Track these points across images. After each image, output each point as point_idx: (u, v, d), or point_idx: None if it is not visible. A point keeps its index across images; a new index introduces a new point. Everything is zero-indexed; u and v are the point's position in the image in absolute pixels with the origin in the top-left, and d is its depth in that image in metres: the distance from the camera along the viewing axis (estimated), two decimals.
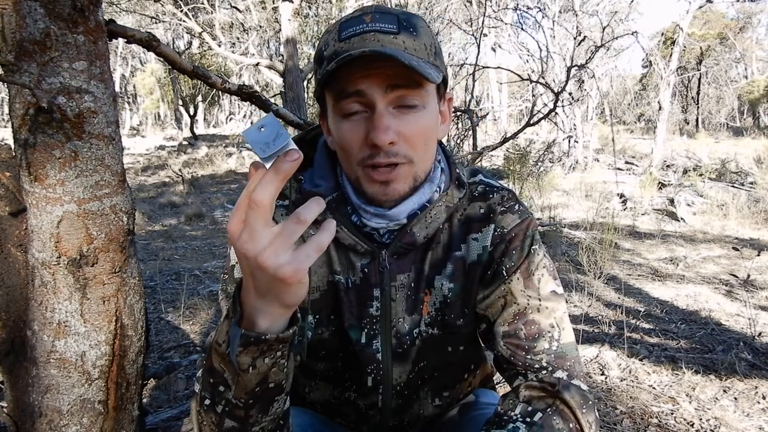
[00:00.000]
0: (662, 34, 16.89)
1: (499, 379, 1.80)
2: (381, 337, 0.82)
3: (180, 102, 20.32)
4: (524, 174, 7.25)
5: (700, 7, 12.02)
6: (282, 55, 7.63)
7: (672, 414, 1.96)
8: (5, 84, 1.03)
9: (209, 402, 0.64)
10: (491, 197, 0.84)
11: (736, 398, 2.07)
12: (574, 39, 8.03)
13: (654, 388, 2.16)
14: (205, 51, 12.86)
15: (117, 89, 1.49)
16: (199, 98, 20.96)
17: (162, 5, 9.30)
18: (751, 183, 7.98)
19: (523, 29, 12.42)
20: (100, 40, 1.11)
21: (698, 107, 23.67)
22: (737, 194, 7.14)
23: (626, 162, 11.43)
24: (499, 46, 13.57)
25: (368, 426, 0.91)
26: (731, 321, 3.02)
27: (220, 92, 1.71)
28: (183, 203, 8.81)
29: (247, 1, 10.01)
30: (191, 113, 19.58)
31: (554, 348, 0.76)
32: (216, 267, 4.30)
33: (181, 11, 8.59)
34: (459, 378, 0.91)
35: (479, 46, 3.22)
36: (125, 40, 1.33)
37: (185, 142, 17.51)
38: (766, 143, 11.78)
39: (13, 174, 1.13)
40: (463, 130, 4.56)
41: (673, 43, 11.06)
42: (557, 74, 10.39)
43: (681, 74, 18.78)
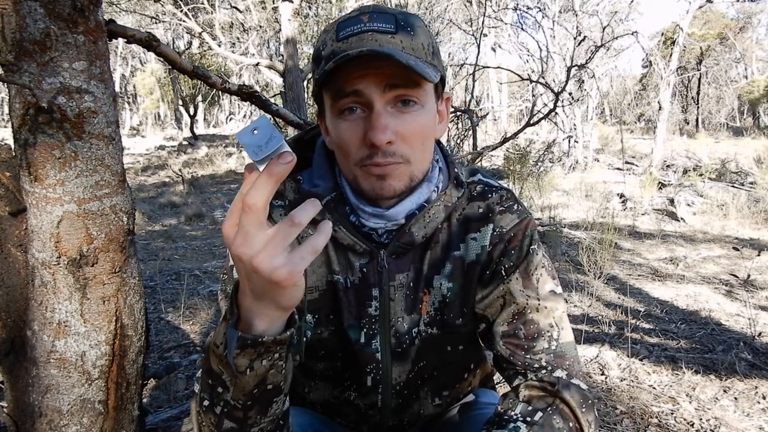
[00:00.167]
0: (662, 34, 16.89)
1: (500, 379, 1.80)
2: (380, 337, 0.82)
3: (180, 102, 20.32)
4: (524, 174, 7.25)
5: (700, 7, 12.02)
6: (282, 55, 7.64)
7: (672, 414, 1.96)
8: (5, 84, 1.03)
9: (208, 403, 0.65)
10: (490, 197, 0.84)
11: (736, 398, 2.07)
12: (574, 39, 8.03)
13: (654, 388, 2.16)
14: (205, 51, 12.87)
15: (117, 89, 1.49)
16: (199, 98, 20.96)
17: (162, 5, 9.30)
18: (751, 183, 7.98)
19: (523, 29, 12.43)
20: (100, 40, 1.11)
21: (698, 107, 23.67)
22: (737, 194, 7.14)
23: (626, 162, 11.43)
24: (499, 46, 13.58)
25: (368, 426, 0.91)
26: (731, 321, 3.02)
27: (220, 92, 1.71)
28: (183, 203, 8.82)
29: (247, 1, 10.01)
30: (191, 113, 19.58)
31: (553, 347, 0.76)
32: (216, 267, 4.30)
33: (181, 11, 8.59)
34: (459, 378, 0.91)
35: (479, 46, 3.22)
36: (125, 40, 1.33)
37: (185, 142, 17.52)
38: (766, 143, 11.78)
39: (13, 174, 1.13)
40: (463, 130, 4.56)
41: (673, 43, 11.06)
42: (557, 74, 10.39)
43: (681, 74, 18.78)
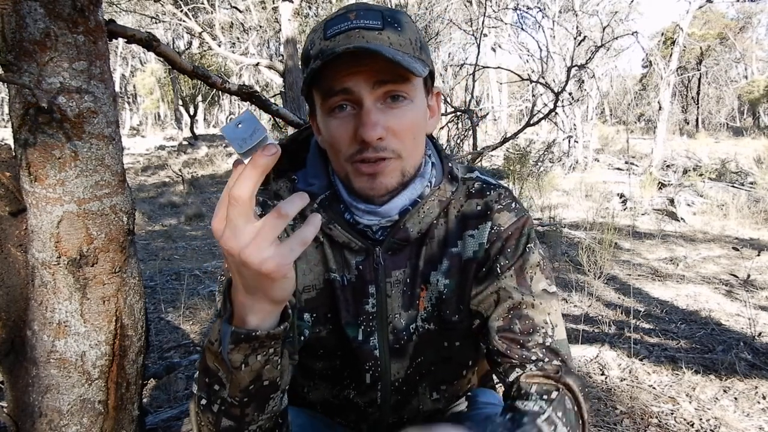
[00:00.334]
0: (662, 34, 16.90)
1: None
2: (378, 334, 0.82)
3: (180, 102, 20.33)
4: (524, 174, 7.25)
5: (700, 7, 12.02)
6: (282, 55, 7.64)
7: (672, 414, 1.96)
8: (5, 84, 1.03)
9: (206, 402, 0.65)
10: (488, 194, 0.84)
11: (736, 398, 2.07)
12: (574, 39, 8.03)
13: (654, 388, 2.16)
14: (205, 51, 12.87)
15: (117, 89, 1.49)
16: (199, 98, 20.95)
17: (162, 5, 9.30)
18: (751, 183, 7.98)
19: (523, 29, 12.43)
20: (100, 40, 1.11)
21: (698, 107, 23.68)
22: (737, 194, 7.14)
23: (626, 162, 11.43)
24: (499, 46, 13.58)
25: (368, 424, 0.91)
26: (731, 321, 3.02)
27: (220, 92, 1.71)
28: (183, 203, 8.82)
29: (247, 1, 10.02)
30: (191, 113, 19.58)
31: (548, 343, 0.76)
32: (216, 267, 4.30)
33: (181, 11, 8.59)
34: (457, 373, 0.91)
35: (479, 46, 3.22)
36: (125, 40, 1.33)
37: (185, 142, 17.52)
38: (766, 143, 11.78)
39: (13, 174, 1.13)
40: (463, 130, 4.56)
41: (673, 43, 11.06)
42: (557, 74, 10.39)
43: (681, 74, 18.78)
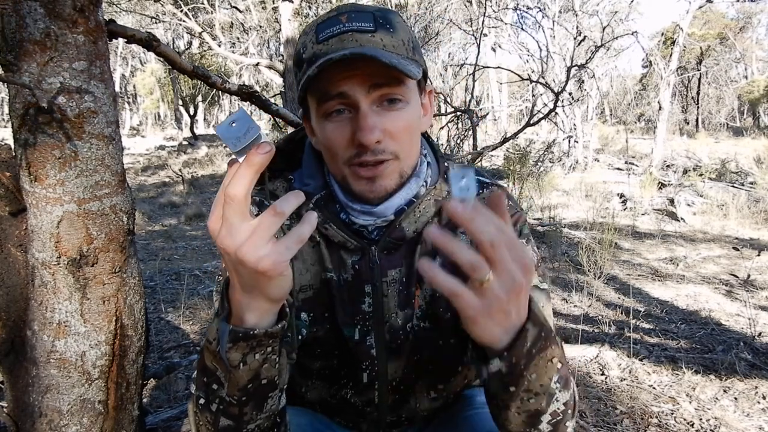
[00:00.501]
0: (662, 34, 16.90)
1: None
2: (374, 334, 0.82)
3: (180, 102, 20.33)
4: (524, 174, 7.25)
5: (700, 7, 12.03)
6: (282, 55, 7.64)
7: (672, 414, 1.96)
8: (5, 84, 1.03)
9: (204, 401, 0.65)
10: (481, 192, 0.84)
11: (736, 398, 2.07)
12: (574, 39, 8.04)
13: (654, 388, 2.16)
14: (205, 51, 12.87)
15: (117, 89, 1.49)
16: (199, 98, 20.95)
17: (162, 5, 9.30)
18: (751, 183, 7.98)
19: (523, 29, 12.43)
20: (100, 40, 1.11)
21: (698, 107, 23.67)
22: (737, 194, 7.14)
23: (626, 162, 11.43)
24: (499, 46, 13.58)
25: (366, 423, 0.91)
26: (731, 321, 3.02)
27: (220, 92, 1.71)
28: (183, 203, 8.82)
29: (247, 1, 10.02)
30: (191, 113, 19.58)
31: None
32: (216, 267, 4.30)
33: (181, 11, 8.59)
34: (453, 371, 0.91)
35: (479, 46, 3.22)
36: (125, 40, 1.33)
37: (185, 142, 17.51)
38: (766, 143, 11.78)
39: (13, 174, 1.13)
40: (463, 130, 4.57)
41: (673, 43, 11.06)
42: (557, 74, 10.39)
43: (681, 74, 18.78)
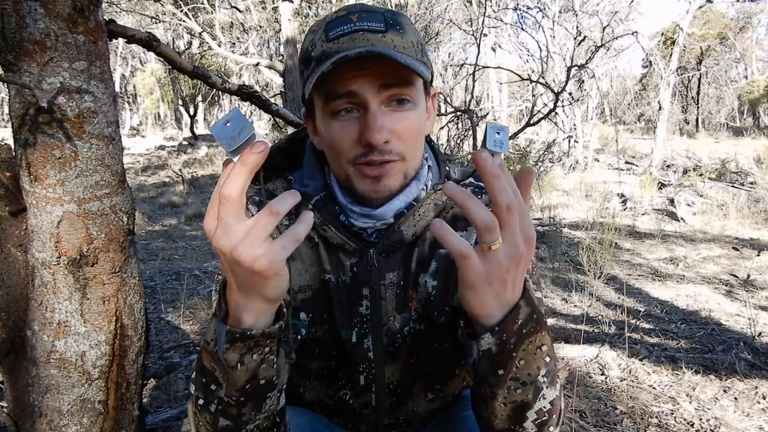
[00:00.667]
0: (662, 34, 16.90)
1: None
2: (372, 336, 0.82)
3: (180, 102, 20.32)
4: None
5: (700, 7, 12.03)
6: (282, 55, 7.64)
7: (672, 414, 1.96)
8: (5, 84, 1.03)
9: (203, 402, 0.65)
10: (481, 198, 0.83)
11: (736, 398, 2.07)
12: (574, 39, 8.04)
13: (654, 388, 2.16)
14: (205, 51, 12.86)
15: (117, 89, 1.49)
16: (199, 98, 20.94)
17: (162, 5, 9.30)
18: (751, 183, 7.98)
19: (523, 29, 12.43)
20: (100, 40, 1.11)
21: (698, 107, 23.67)
22: (737, 194, 7.14)
23: (626, 162, 11.43)
24: (499, 46, 13.57)
25: (365, 425, 0.91)
26: (731, 321, 3.02)
27: (220, 92, 1.71)
28: (183, 203, 8.82)
29: (247, 1, 10.02)
30: (191, 113, 19.57)
31: None
32: (215, 267, 4.30)
33: (181, 11, 8.59)
34: (450, 373, 0.91)
35: (479, 46, 3.22)
36: (125, 40, 1.33)
37: (185, 142, 17.51)
38: (766, 143, 11.78)
39: (13, 174, 1.13)
40: (463, 130, 4.57)
41: (673, 43, 11.06)
42: (557, 74, 10.39)
43: (681, 74, 18.78)
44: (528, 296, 0.59)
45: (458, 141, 4.59)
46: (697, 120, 23.56)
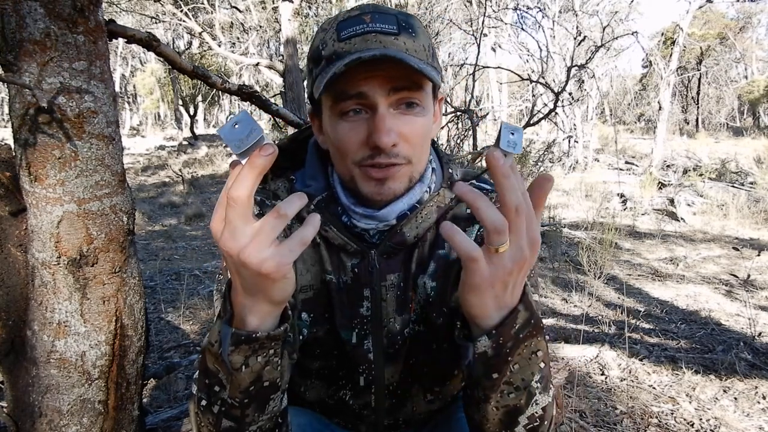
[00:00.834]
0: (662, 34, 16.90)
1: None
2: (372, 338, 0.82)
3: (180, 102, 20.32)
4: (524, 174, 7.25)
5: (700, 7, 12.03)
6: (282, 55, 7.64)
7: (672, 414, 1.96)
8: (5, 84, 1.03)
9: (206, 403, 0.65)
10: None
11: (736, 398, 2.07)
12: (574, 39, 8.04)
13: (654, 388, 2.16)
14: (205, 51, 12.87)
15: (117, 89, 1.49)
16: (199, 98, 20.95)
17: (162, 5, 9.30)
18: (751, 183, 7.98)
19: (523, 29, 12.44)
20: (100, 40, 1.11)
21: (698, 107, 23.67)
22: (737, 194, 7.14)
23: (626, 162, 11.43)
24: (499, 46, 13.57)
25: (364, 426, 0.91)
26: (731, 321, 3.02)
27: (220, 92, 1.71)
28: (183, 203, 8.82)
29: (247, 1, 10.01)
30: (191, 113, 19.57)
31: None
32: (216, 267, 4.30)
33: (181, 11, 8.59)
34: (448, 374, 0.91)
35: (479, 46, 3.21)
36: (125, 40, 1.33)
37: (185, 142, 17.51)
38: (766, 143, 11.78)
39: (13, 174, 1.13)
40: (463, 130, 4.56)
41: (673, 43, 11.06)
42: (557, 74, 10.40)
43: (681, 74, 18.78)
44: (527, 300, 0.59)
45: (458, 141, 4.59)
46: (697, 120, 23.56)
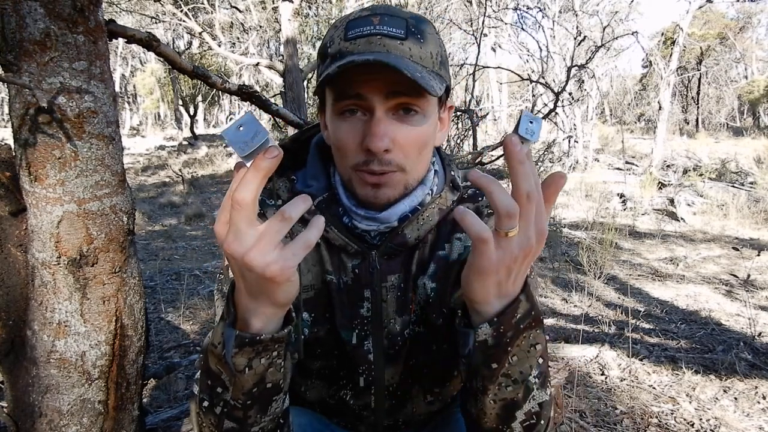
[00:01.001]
0: (662, 34, 16.89)
1: None
2: (372, 339, 0.82)
3: (180, 102, 20.32)
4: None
5: (700, 7, 12.03)
6: (282, 55, 7.64)
7: (672, 414, 1.96)
8: (5, 84, 1.03)
9: (208, 403, 0.65)
10: (480, 200, 0.84)
11: (736, 398, 2.07)
12: (574, 39, 8.03)
13: (654, 388, 2.16)
14: (205, 51, 12.86)
15: (117, 89, 1.49)
16: (199, 98, 20.95)
17: (162, 5, 9.30)
18: (751, 183, 7.99)
19: (523, 29, 12.43)
20: (100, 40, 1.11)
21: (698, 107, 23.66)
22: (737, 194, 7.15)
23: (626, 162, 11.43)
24: (499, 46, 13.57)
25: (364, 426, 0.91)
26: (731, 321, 3.02)
27: (220, 92, 1.71)
28: (183, 203, 8.82)
29: (247, 1, 10.01)
30: (191, 113, 19.57)
31: None
32: (216, 267, 4.30)
33: (181, 11, 8.59)
34: (449, 375, 0.91)
35: (479, 46, 3.21)
36: (125, 40, 1.33)
37: (185, 142, 17.51)
38: (766, 143, 11.79)
39: (13, 174, 1.13)
40: (463, 130, 4.56)
41: (673, 43, 11.06)
42: (557, 74, 10.39)
43: (681, 74, 18.78)
44: (528, 291, 0.60)
45: (458, 141, 4.58)
46: (697, 120, 23.55)
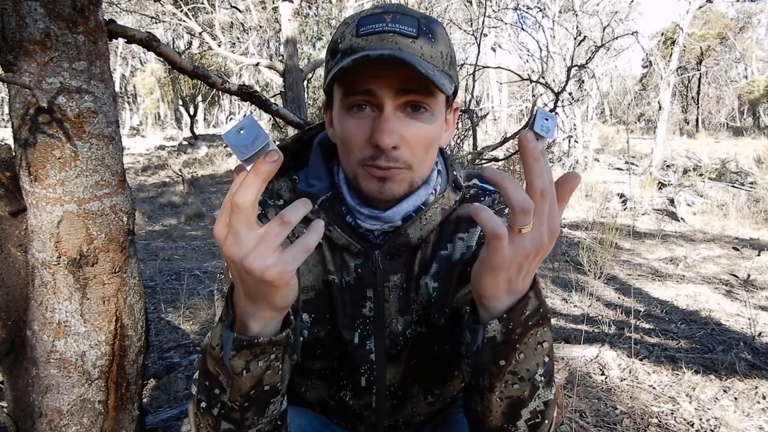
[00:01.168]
0: (662, 34, 16.90)
1: None
2: (374, 338, 0.82)
3: (180, 102, 20.32)
4: (524, 174, 7.25)
5: (700, 7, 12.03)
6: (282, 55, 7.64)
7: (672, 414, 1.96)
8: (5, 84, 1.03)
9: (205, 405, 0.65)
10: (482, 200, 0.84)
11: (736, 398, 2.07)
12: (574, 39, 8.03)
13: (654, 388, 2.16)
14: (205, 51, 12.87)
15: (117, 89, 1.49)
16: (199, 98, 20.95)
17: (162, 5, 9.30)
18: (751, 183, 7.99)
19: (523, 29, 12.44)
20: (100, 40, 1.11)
21: (698, 107, 23.66)
22: (737, 194, 7.15)
23: (626, 162, 11.43)
24: (499, 46, 13.57)
25: (364, 426, 0.91)
26: (731, 321, 3.02)
27: (220, 92, 1.71)
28: (183, 203, 8.82)
29: (247, 1, 10.01)
30: (191, 113, 19.57)
31: None
32: (216, 267, 4.30)
33: (181, 11, 8.59)
34: (449, 375, 0.91)
35: (479, 46, 3.21)
36: (125, 40, 1.33)
37: (185, 142, 17.51)
38: (766, 143, 11.79)
39: (13, 174, 1.13)
40: (463, 130, 4.56)
41: (673, 43, 11.07)
42: (557, 74, 10.40)
43: (681, 74, 18.78)
44: (537, 288, 0.60)
45: (458, 141, 4.58)
46: (697, 120, 23.55)
